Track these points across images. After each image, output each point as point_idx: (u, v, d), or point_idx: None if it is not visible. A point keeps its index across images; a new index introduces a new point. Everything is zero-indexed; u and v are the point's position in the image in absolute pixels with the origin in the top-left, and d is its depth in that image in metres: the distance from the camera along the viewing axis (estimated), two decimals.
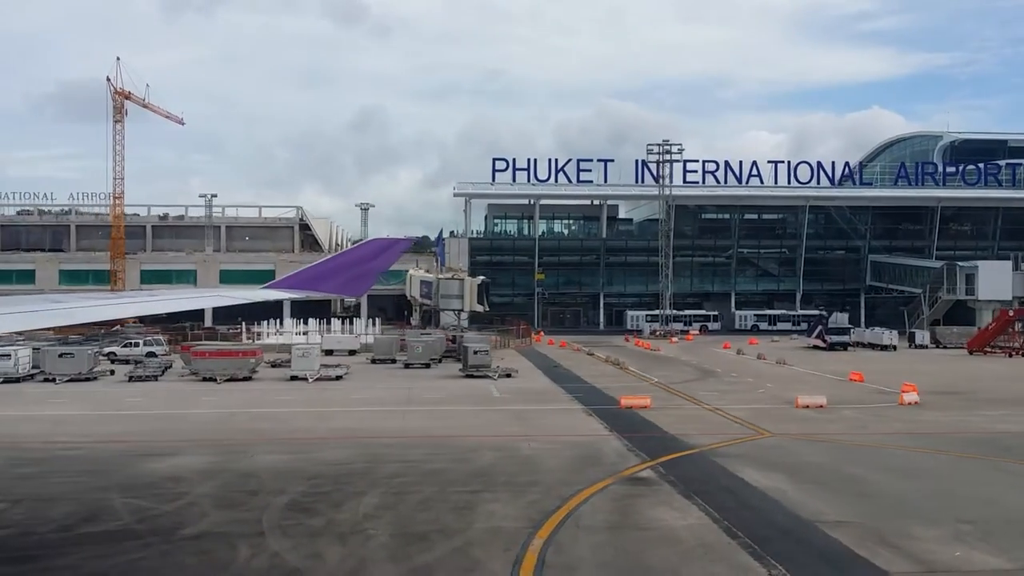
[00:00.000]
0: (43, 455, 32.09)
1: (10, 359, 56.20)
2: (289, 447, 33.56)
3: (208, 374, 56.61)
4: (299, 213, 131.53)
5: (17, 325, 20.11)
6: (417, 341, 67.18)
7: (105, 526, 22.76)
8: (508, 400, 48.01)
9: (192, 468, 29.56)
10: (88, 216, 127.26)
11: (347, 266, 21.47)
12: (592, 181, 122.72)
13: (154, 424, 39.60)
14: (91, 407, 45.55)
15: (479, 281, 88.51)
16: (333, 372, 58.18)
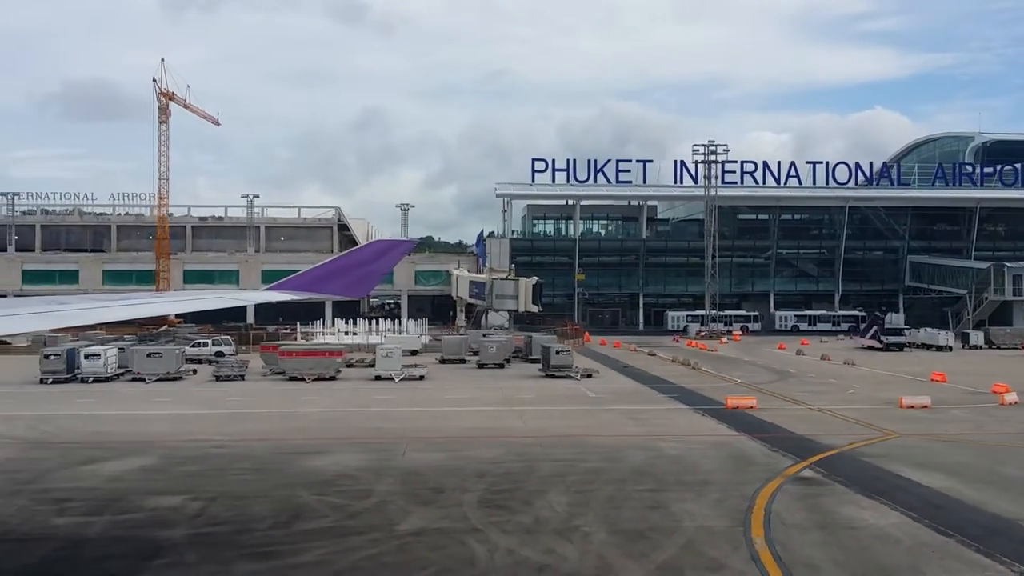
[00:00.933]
0: (197, 453, 32.53)
1: (100, 359, 56.73)
2: (435, 446, 33.95)
3: (295, 373, 57.08)
4: (337, 214, 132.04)
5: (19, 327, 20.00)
6: (491, 341, 67.64)
7: (319, 523, 23.18)
8: (606, 400, 48.42)
9: (356, 466, 30.00)
10: (128, 217, 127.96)
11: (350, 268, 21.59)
12: (631, 182, 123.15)
13: (280, 423, 40.11)
14: (201, 406, 45.95)
15: (534, 282, 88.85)
16: (416, 372, 58.59)
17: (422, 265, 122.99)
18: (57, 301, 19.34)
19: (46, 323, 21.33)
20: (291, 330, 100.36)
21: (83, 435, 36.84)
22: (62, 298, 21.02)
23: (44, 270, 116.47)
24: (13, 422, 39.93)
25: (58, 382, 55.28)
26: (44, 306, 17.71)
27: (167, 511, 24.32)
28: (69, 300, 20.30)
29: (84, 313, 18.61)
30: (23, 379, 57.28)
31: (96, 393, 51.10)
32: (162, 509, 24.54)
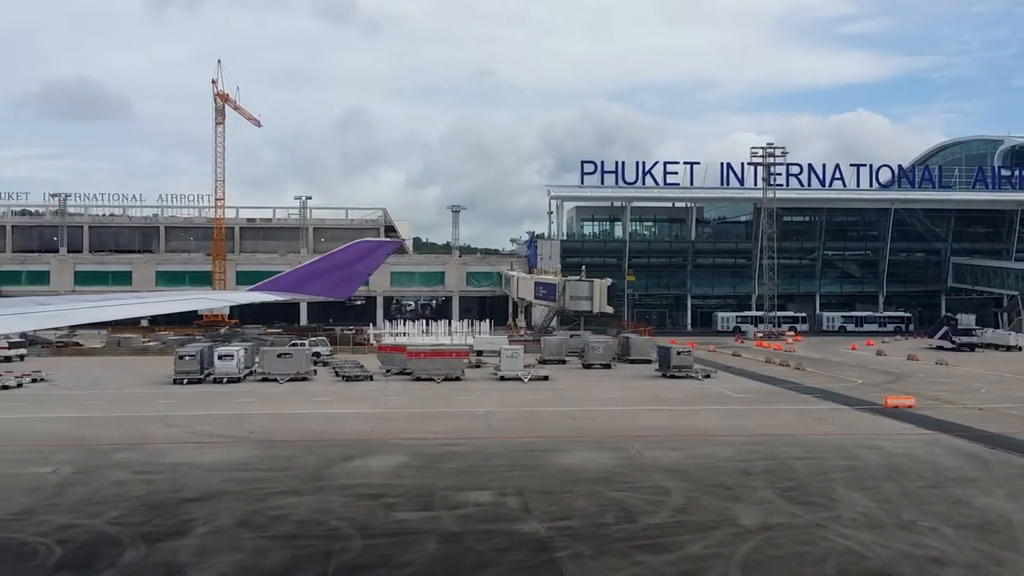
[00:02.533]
0: (440, 451, 33.27)
1: (233, 359, 57.16)
2: (661, 444, 34.82)
3: (424, 374, 57.68)
4: (384, 215, 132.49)
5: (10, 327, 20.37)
6: (598, 342, 68.52)
7: (656, 518, 24.00)
8: (754, 400, 49.43)
9: (611, 464, 30.92)
10: (176, 218, 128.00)
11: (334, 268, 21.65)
12: (678, 184, 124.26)
13: (470, 422, 40.84)
14: (366, 406, 46.50)
15: (608, 283, 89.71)
16: (541, 372, 59.42)
17: (473, 267, 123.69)
18: (37, 302, 19.57)
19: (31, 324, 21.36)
20: (357, 330, 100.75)
21: (299, 433, 37.48)
22: (43, 299, 21.53)
23: (97, 271, 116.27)
24: (209, 422, 40.47)
25: (192, 382, 55.72)
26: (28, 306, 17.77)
27: (493, 506, 25.08)
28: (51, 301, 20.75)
29: (68, 314, 18.59)
30: (153, 380, 57.65)
31: (246, 393, 51.58)
32: (486, 504, 25.28)
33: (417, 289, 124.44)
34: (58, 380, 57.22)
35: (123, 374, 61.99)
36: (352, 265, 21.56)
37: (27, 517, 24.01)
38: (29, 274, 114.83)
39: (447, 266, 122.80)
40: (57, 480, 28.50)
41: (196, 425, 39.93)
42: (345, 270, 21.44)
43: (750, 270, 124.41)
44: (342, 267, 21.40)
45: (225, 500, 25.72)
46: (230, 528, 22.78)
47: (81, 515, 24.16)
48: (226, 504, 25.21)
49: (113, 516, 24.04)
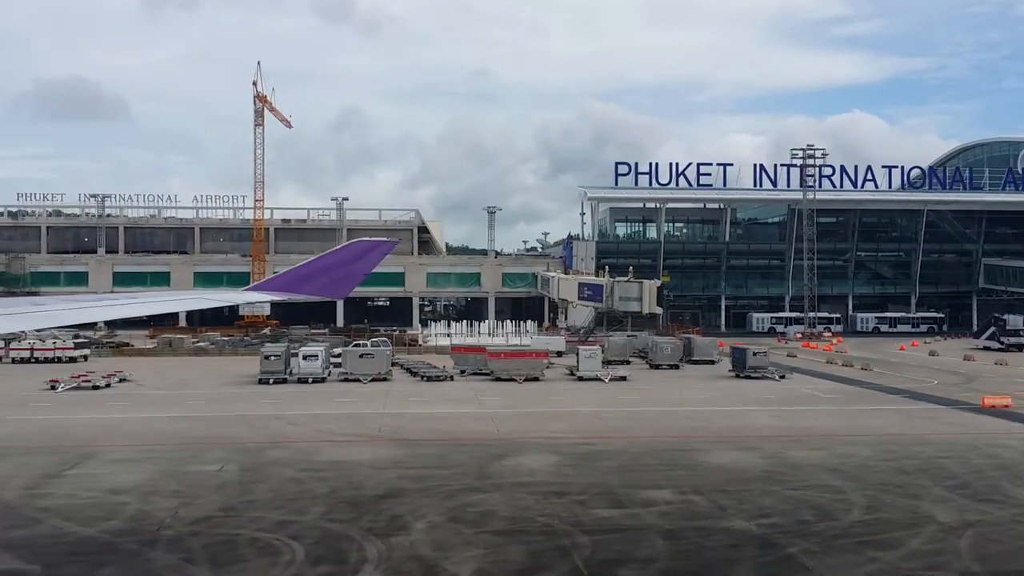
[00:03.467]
0: (580, 451, 33.82)
1: (317, 360, 57.56)
2: (798, 444, 35.34)
3: (504, 374, 58.12)
4: (417, 216, 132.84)
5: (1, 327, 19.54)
6: (665, 343, 69.05)
7: (848, 517, 24.48)
8: (846, 400, 50.04)
9: (759, 464, 31.43)
10: (211, 219, 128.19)
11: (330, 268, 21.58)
12: (711, 185, 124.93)
13: (586, 422, 41.30)
14: (468, 406, 46.92)
15: (659, 284, 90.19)
16: (620, 372, 59.94)
17: (509, 267, 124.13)
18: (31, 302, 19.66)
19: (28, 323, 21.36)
20: (401, 331, 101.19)
21: (428, 432, 38.01)
22: (39, 299, 21.74)
23: (135, 272, 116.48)
24: (328, 422, 40.91)
25: (277, 382, 56.08)
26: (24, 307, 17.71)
27: (683, 503, 25.57)
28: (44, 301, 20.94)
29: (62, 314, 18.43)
30: (235, 379, 58.07)
31: (339, 392, 51.91)
32: (675, 502, 25.77)
33: (453, 290, 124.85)
34: (141, 380, 57.40)
35: (200, 374, 62.29)
36: (349, 265, 21.61)
37: (236, 514, 24.41)
38: (68, 275, 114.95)
39: (483, 267, 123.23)
40: (232, 478, 28.92)
41: (318, 424, 40.36)
42: (342, 270, 21.48)
43: (783, 271, 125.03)
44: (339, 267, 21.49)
45: (415, 497, 26.13)
46: (446, 524, 23.20)
47: (288, 511, 24.60)
48: (420, 501, 25.64)
49: (320, 512, 24.47)
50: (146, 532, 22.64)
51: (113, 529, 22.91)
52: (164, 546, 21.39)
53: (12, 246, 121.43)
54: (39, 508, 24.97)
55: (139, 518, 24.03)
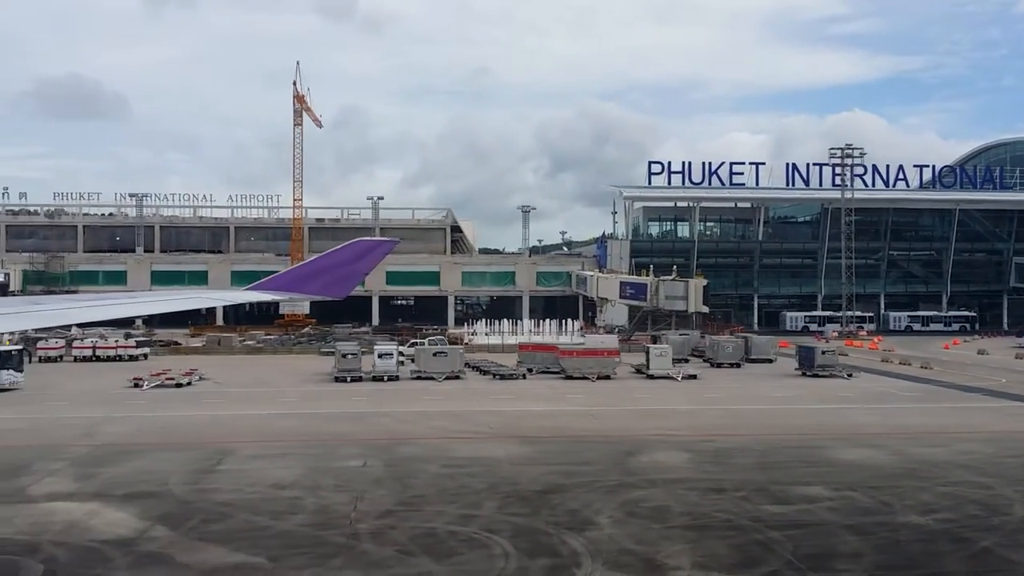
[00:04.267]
0: (707, 448, 34.41)
1: (392, 358, 58.12)
2: (917, 442, 35.87)
3: (577, 372, 58.65)
4: (450, 215, 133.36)
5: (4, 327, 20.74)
6: (727, 342, 69.60)
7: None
8: (923, 399, 50.57)
9: (887, 461, 31.99)
10: (247, 219, 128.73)
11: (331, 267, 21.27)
12: (744, 184, 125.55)
13: (689, 420, 41.86)
14: (556, 404, 47.45)
15: (704, 283, 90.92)
16: (690, 371, 60.48)
17: (543, 266, 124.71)
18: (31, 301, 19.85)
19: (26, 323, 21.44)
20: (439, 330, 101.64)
21: (538, 429, 38.58)
22: (36, 298, 21.97)
23: (173, 271, 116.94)
24: (433, 419, 41.55)
25: (355, 380, 56.57)
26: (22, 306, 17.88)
27: (843, 499, 26.10)
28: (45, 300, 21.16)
29: (63, 313, 18.65)
30: (309, 377, 58.71)
31: (422, 390, 52.41)
32: (836, 498, 26.28)
33: (488, 289, 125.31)
34: (217, 378, 57.90)
35: (270, 372, 62.93)
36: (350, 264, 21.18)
37: (415, 508, 24.94)
38: (106, 274, 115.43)
39: (517, 266, 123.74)
40: (382, 473, 29.47)
41: (425, 421, 40.93)
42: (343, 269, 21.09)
43: (815, 270, 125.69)
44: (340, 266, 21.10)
45: (578, 492, 26.67)
46: (629, 519, 23.73)
47: (463, 505, 25.22)
48: (585, 496, 26.18)
49: (495, 506, 25.03)
50: (340, 526, 23.18)
51: (308, 523, 23.44)
52: (370, 539, 21.92)
53: (48, 245, 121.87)
54: (219, 503, 25.49)
55: (323, 512, 24.55)
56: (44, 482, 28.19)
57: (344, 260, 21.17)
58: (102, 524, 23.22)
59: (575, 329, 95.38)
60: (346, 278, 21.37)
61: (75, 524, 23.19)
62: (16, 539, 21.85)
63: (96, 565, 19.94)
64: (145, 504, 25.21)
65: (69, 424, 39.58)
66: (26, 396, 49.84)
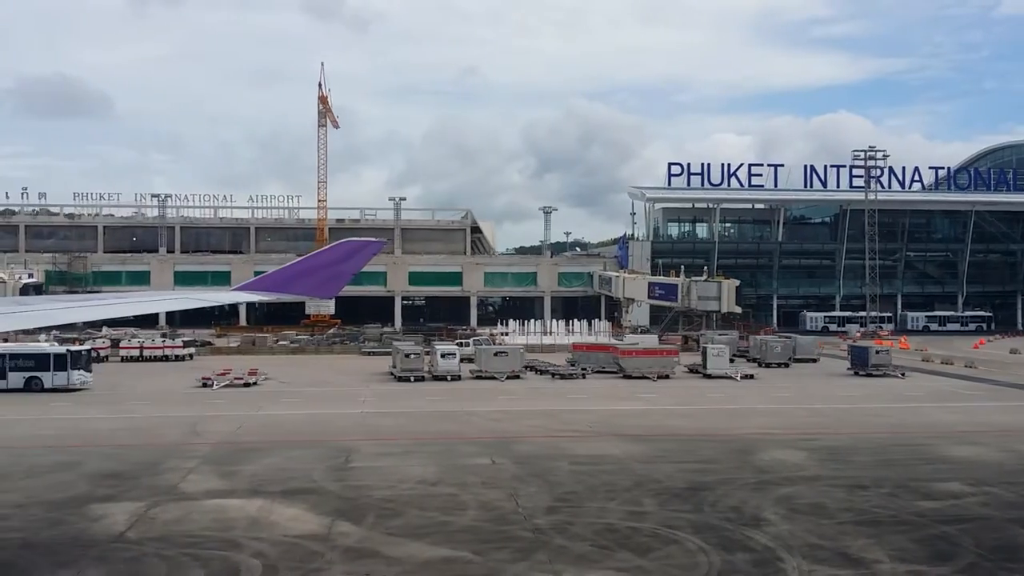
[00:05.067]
0: (816, 446, 34.93)
1: (455, 358, 58.47)
2: None
3: (636, 372, 59.19)
4: (469, 216, 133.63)
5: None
6: (775, 342, 70.30)
7: None
8: (990, 397, 51.57)
9: (1007, 458, 32.68)
10: (268, 219, 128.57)
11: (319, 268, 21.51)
12: (763, 186, 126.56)
13: (779, 420, 42.41)
14: (638, 403, 47.96)
15: (737, 284, 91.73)
16: (748, 371, 61.15)
17: (565, 267, 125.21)
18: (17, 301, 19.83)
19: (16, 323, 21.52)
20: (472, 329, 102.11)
21: (639, 428, 39.02)
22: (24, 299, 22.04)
23: (196, 271, 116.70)
24: (522, 418, 42.00)
25: (418, 379, 56.89)
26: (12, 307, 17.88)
27: (985, 496, 26.63)
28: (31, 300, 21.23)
29: (51, 314, 18.69)
30: (369, 376, 59.17)
31: (491, 390, 52.84)
32: (976, 494, 26.86)
33: (510, 289, 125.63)
34: (280, 378, 58.11)
35: (326, 372, 63.47)
36: (337, 265, 21.52)
37: (576, 505, 25.38)
38: (129, 274, 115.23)
39: (539, 267, 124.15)
40: (517, 471, 29.86)
41: (520, 420, 41.39)
42: (330, 270, 21.45)
43: (833, 270, 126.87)
44: (327, 267, 21.49)
45: (724, 489, 27.16)
46: (798, 516, 24.22)
47: (623, 502, 25.66)
48: (736, 494, 26.66)
49: (656, 503, 25.47)
50: (516, 521, 23.58)
51: (484, 518, 23.83)
52: (556, 534, 22.31)
53: (68, 246, 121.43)
54: (382, 499, 25.83)
55: (489, 508, 24.93)
56: (190, 480, 28.45)
57: (332, 260, 21.65)
58: (284, 520, 23.54)
59: (603, 329, 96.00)
60: (334, 278, 21.78)
61: (257, 520, 23.48)
62: (207, 535, 22.11)
63: (310, 559, 20.24)
64: (310, 500, 25.55)
65: (169, 423, 39.83)
66: (100, 396, 50.07)
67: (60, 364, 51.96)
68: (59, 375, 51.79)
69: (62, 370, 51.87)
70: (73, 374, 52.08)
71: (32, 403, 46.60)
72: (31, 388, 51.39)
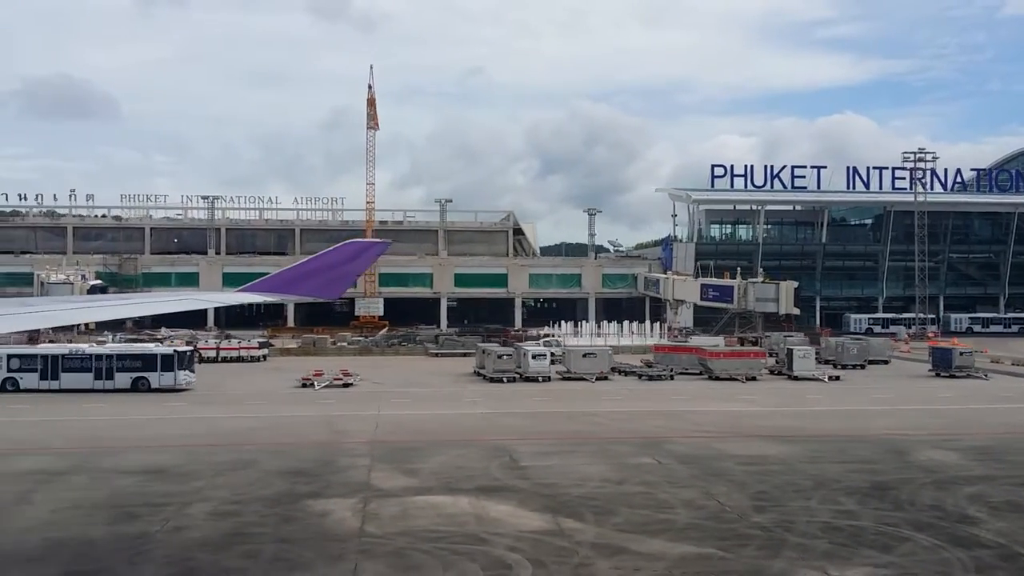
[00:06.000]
0: (962, 447, 35.35)
1: (546, 359, 58.96)
2: None
3: (724, 373, 59.62)
4: (512, 218, 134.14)
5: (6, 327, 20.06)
6: (852, 344, 70.69)
7: None
8: None
9: None
10: (312, 221, 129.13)
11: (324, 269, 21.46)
12: (806, 187, 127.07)
13: (901, 421, 42.81)
14: (739, 404, 48.42)
15: (795, 285, 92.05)
16: (834, 373, 61.57)
17: (609, 268, 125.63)
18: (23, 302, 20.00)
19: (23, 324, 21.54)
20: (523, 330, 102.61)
21: (769, 429, 39.47)
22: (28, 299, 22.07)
23: (244, 272, 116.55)
24: (643, 419, 42.46)
25: (511, 380, 57.37)
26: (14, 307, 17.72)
27: None
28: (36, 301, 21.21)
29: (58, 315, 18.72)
30: (455, 376, 59.92)
31: (585, 391, 53.59)
32: None
33: (555, 291, 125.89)
34: (371, 379, 58.64)
35: (409, 373, 63.96)
36: (342, 266, 21.61)
37: (780, 503, 25.79)
38: (179, 276, 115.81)
39: (584, 268, 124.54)
40: (693, 471, 30.22)
41: (640, 420, 41.94)
42: (335, 271, 21.51)
43: (875, 272, 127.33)
44: (332, 268, 21.49)
45: (914, 489, 27.55)
46: (1013, 514, 24.56)
47: (821, 501, 26.11)
48: (929, 492, 27.07)
49: (856, 501, 25.91)
50: (731, 519, 24.02)
51: (702, 516, 24.26)
52: (793, 533, 22.70)
53: (115, 247, 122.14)
54: (582, 496, 26.30)
55: (696, 506, 25.38)
56: (376, 477, 28.92)
57: (336, 261, 21.65)
58: (506, 516, 23.99)
59: (658, 331, 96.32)
60: (339, 279, 21.94)
61: (482, 517, 23.93)
62: (446, 530, 22.56)
63: (565, 554, 20.68)
64: (513, 498, 25.98)
65: (302, 423, 40.50)
66: (208, 396, 50.72)
67: (167, 364, 52.58)
68: (166, 375, 52.40)
69: (169, 370, 52.49)
70: (179, 374, 52.70)
71: (147, 403, 47.27)
72: (138, 388, 52.01)
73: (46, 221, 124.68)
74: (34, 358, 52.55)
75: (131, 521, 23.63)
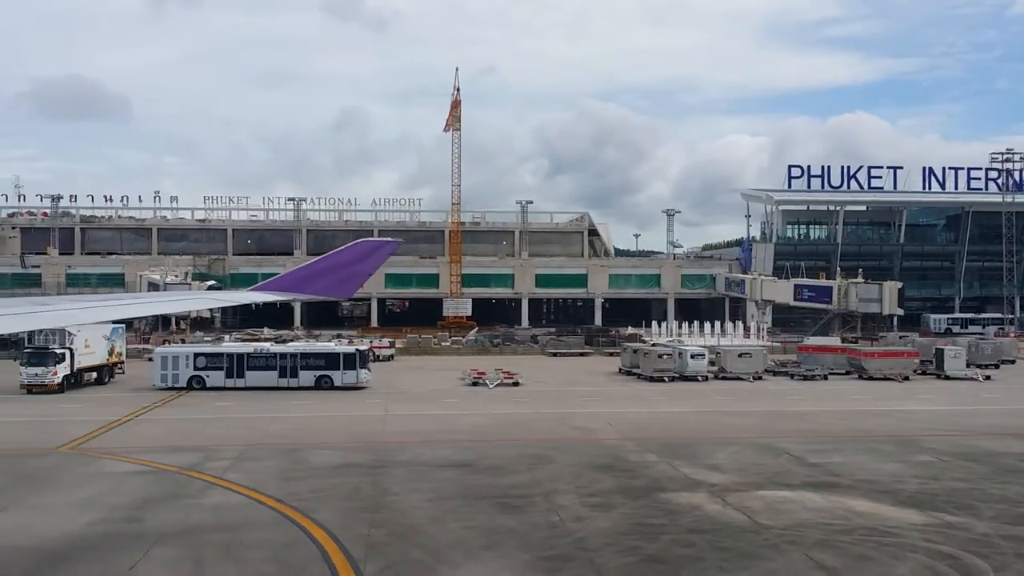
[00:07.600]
0: None
1: (704, 359, 59.48)
2: None
3: (879, 373, 60.00)
4: (587, 219, 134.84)
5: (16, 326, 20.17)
6: (986, 344, 71.30)
7: None
8: None
9: None
10: (390, 222, 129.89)
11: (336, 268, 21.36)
12: (882, 188, 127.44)
13: None
14: (927, 403, 48.84)
15: (899, 286, 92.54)
16: (985, 373, 61.98)
17: (688, 269, 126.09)
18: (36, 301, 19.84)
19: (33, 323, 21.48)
20: (616, 332, 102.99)
21: (986, 427, 39.76)
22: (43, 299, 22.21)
23: None
24: (866, 420, 42.81)
25: (674, 380, 57.90)
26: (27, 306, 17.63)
27: None
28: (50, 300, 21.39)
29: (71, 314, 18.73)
30: (601, 373, 60.64)
31: (757, 390, 54.15)
32: None
33: (634, 291, 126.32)
34: (529, 378, 59.16)
35: (554, 373, 64.51)
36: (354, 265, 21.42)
37: None
38: (265, 276, 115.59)
39: (663, 268, 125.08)
40: (986, 471, 30.43)
41: (861, 420, 42.39)
42: (347, 270, 21.32)
43: (952, 272, 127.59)
44: (344, 267, 21.35)
45: None
46: None
47: None
48: None
49: None
50: None
51: None
52: None
53: (198, 248, 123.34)
54: (917, 492, 26.74)
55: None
56: (686, 471, 29.38)
57: (347, 261, 21.56)
58: (874, 511, 24.38)
59: (739, 331, 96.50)
60: (349, 278, 21.67)
61: (853, 512, 24.31)
62: (825, 523, 23.06)
63: (990, 548, 21.14)
64: (855, 492, 26.47)
65: (532, 419, 41.24)
66: (391, 393, 51.53)
67: (349, 363, 53.35)
68: (348, 373, 53.18)
69: (351, 368, 53.26)
70: (361, 372, 53.45)
71: (349, 400, 48.09)
72: (321, 386, 52.81)
73: (132, 223, 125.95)
74: (220, 356, 53.46)
75: (518, 513, 24.14)
